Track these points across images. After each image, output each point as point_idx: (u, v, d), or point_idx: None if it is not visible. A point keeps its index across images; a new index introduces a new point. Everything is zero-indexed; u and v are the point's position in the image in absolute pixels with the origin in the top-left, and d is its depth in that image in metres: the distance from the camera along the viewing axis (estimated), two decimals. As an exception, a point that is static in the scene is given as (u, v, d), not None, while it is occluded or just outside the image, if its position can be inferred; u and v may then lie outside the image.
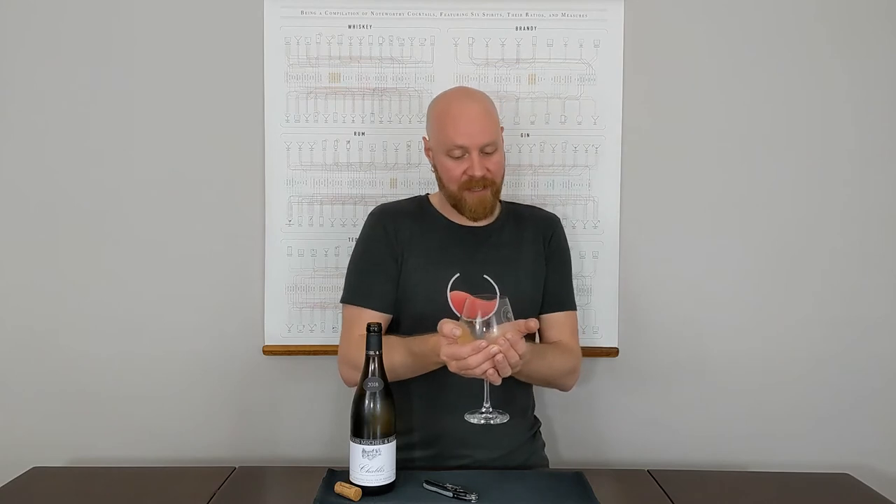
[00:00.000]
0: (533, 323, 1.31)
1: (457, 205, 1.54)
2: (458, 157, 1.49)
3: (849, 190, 1.89)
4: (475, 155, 1.48)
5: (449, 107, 1.52)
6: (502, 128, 1.58)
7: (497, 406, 1.42)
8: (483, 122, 1.49)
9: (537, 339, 1.63)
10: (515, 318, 1.35)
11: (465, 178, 1.50)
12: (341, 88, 1.85)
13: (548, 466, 1.66)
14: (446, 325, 1.29)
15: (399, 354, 1.44)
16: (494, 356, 1.25)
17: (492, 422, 1.33)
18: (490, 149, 1.49)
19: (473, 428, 1.42)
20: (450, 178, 1.51)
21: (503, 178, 1.56)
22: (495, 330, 1.27)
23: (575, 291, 1.67)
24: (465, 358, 1.27)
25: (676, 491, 1.39)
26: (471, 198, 1.51)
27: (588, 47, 1.85)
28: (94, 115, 1.86)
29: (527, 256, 1.59)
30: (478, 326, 1.28)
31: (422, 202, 1.64)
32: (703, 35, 1.87)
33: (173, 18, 1.85)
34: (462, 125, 1.48)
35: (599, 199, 1.87)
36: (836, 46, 1.87)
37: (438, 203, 1.62)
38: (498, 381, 1.30)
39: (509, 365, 1.27)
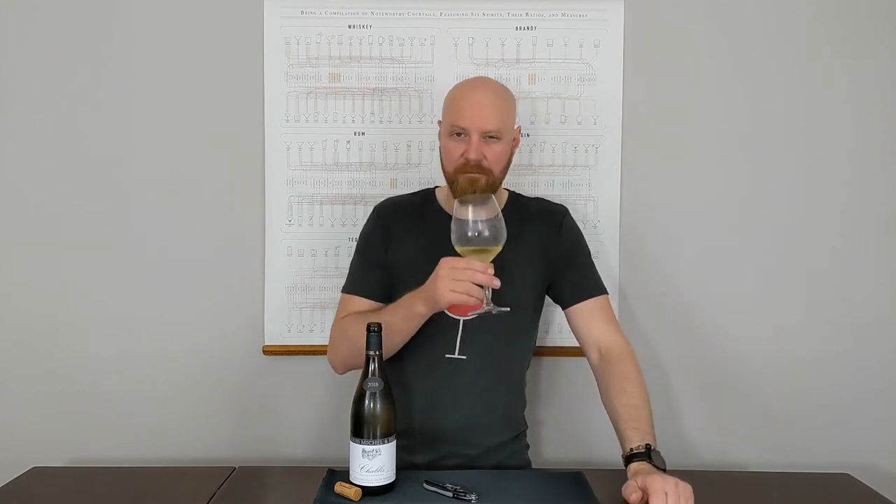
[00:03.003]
0: None
1: (451, 188, 1.52)
2: (458, 138, 1.48)
3: (849, 190, 1.89)
4: (475, 138, 1.46)
5: (463, 89, 1.53)
6: (519, 128, 1.58)
7: (480, 405, 1.49)
8: (489, 109, 1.47)
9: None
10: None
11: (461, 160, 1.48)
12: (341, 88, 1.85)
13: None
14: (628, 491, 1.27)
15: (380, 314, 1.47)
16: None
17: (493, 312, 1.32)
18: (492, 136, 1.48)
19: (448, 424, 1.48)
20: (448, 159, 1.51)
21: (503, 172, 1.54)
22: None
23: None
24: (474, 269, 1.29)
25: (676, 491, 1.38)
26: (463, 178, 1.49)
27: (588, 47, 1.85)
28: (94, 115, 1.86)
29: (526, 253, 1.56)
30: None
31: (427, 196, 1.65)
32: (703, 35, 1.87)
33: (173, 18, 1.85)
34: (468, 107, 1.47)
35: (599, 199, 1.87)
36: (836, 46, 1.87)
37: (444, 197, 1.61)
38: (498, 284, 1.31)
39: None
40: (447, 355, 1.52)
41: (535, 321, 1.64)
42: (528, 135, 1.86)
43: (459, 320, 1.52)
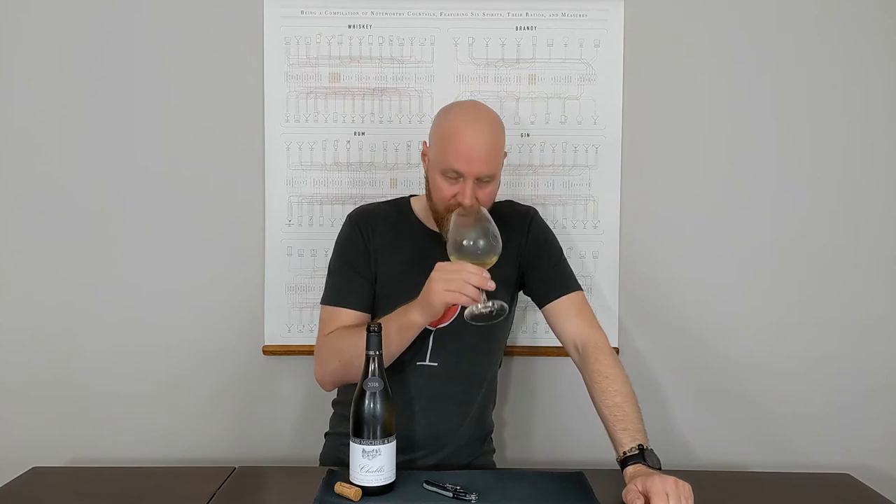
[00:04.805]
0: None
1: (438, 221, 1.50)
2: (451, 179, 1.44)
3: (850, 190, 1.89)
4: (469, 183, 1.42)
5: (457, 127, 1.44)
6: (506, 153, 1.52)
7: (452, 410, 1.49)
8: (487, 155, 1.42)
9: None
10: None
11: (453, 201, 1.45)
12: (341, 88, 1.85)
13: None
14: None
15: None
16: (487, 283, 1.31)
17: (493, 308, 1.34)
18: (486, 179, 1.45)
19: (421, 431, 1.49)
20: (438, 197, 1.47)
21: (491, 204, 1.50)
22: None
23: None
24: (469, 271, 1.30)
25: (676, 491, 1.38)
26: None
27: (588, 47, 1.85)
28: (94, 115, 1.86)
29: (501, 261, 1.46)
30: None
31: (402, 206, 1.61)
32: (703, 35, 1.87)
33: (173, 18, 1.85)
34: (464, 151, 1.41)
35: (599, 199, 1.87)
36: (835, 46, 1.87)
37: (421, 209, 1.58)
38: (493, 286, 1.31)
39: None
40: (419, 363, 1.52)
41: (506, 321, 1.63)
42: (528, 135, 1.86)
43: (431, 330, 1.51)
